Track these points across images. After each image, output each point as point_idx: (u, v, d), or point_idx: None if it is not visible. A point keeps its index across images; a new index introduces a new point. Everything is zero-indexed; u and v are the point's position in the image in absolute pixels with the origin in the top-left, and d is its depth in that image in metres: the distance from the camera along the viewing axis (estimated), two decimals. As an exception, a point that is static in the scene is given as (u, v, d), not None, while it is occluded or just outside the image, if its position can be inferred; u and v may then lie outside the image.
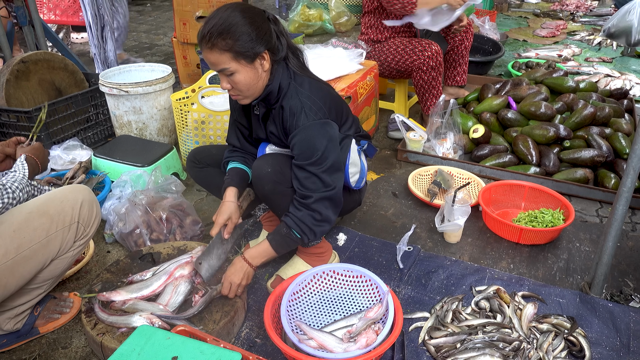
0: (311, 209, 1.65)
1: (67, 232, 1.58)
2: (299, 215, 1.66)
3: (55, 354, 1.70)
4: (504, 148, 2.85)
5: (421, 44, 2.96)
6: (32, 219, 1.51)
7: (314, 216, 1.66)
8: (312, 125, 1.62)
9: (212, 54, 1.55)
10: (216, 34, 1.52)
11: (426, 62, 2.94)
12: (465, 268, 2.05)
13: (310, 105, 1.64)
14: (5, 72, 2.69)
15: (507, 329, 1.71)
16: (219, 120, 2.54)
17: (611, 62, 4.58)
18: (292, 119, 1.64)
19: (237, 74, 1.58)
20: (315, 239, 1.73)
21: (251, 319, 1.81)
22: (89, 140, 2.98)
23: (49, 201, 1.57)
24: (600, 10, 6.48)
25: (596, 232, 2.29)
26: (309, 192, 1.64)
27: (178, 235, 2.16)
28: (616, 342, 1.71)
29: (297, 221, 1.66)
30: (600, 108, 2.85)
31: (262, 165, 1.72)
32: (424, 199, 2.46)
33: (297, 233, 1.68)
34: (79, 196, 1.63)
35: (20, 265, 1.48)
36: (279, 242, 1.71)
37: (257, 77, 1.62)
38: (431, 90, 3.06)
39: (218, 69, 1.58)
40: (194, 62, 3.83)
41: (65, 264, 1.64)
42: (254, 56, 1.58)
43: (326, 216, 1.68)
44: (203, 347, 1.30)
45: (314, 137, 1.61)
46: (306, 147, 1.62)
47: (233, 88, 1.63)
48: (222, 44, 1.53)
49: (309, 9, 5.49)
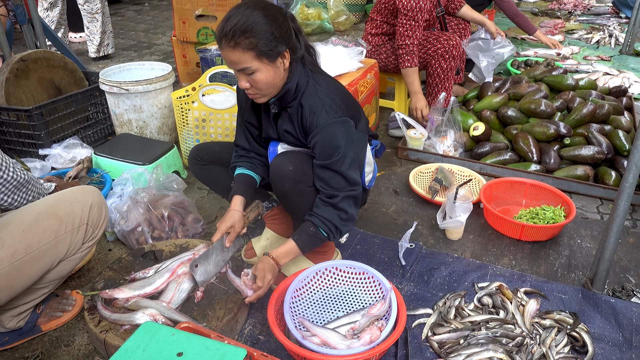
0: (338, 207, 1.66)
1: (76, 233, 1.57)
2: (325, 215, 1.66)
3: (58, 351, 1.69)
4: (504, 146, 2.86)
5: (444, 34, 3.04)
6: (42, 219, 1.50)
7: (340, 215, 1.67)
8: (332, 124, 1.61)
9: (234, 53, 1.52)
10: (239, 32, 1.48)
11: (450, 50, 2.99)
12: (467, 265, 2.05)
13: (330, 103, 1.63)
14: (5, 71, 2.68)
15: (510, 325, 1.71)
16: (220, 118, 2.54)
17: (609, 60, 4.59)
18: (313, 117, 1.63)
19: (258, 72, 1.55)
20: (340, 237, 1.75)
21: (254, 315, 1.81)
22: (89, 138, 2.97)
23: (59, 202, 1.56)
24: (598, 9, 6.50)
25: (597, 229, 2.30)
26: (335, 192, 1.65)
27: (180, 233, 2.16)
28: (619, 337, 1.71)
29: (325, 220, 1.66)
30: (600, 106, 2.85)
31: (282, 163, 1.69)
32: (426, 196, 2.46)
33: (324, 232, 1.68)
34: (89, 198, 1.62)
35: (29, 265, 1.47)
36: (306, 241, 1.71)
37: (277, 76, 1.60)
38: (445, 81, 3.10)
39: (239, 68, 1.55)
40: (193, 61, 3.83)
41: (73, 265, 1.63)
42: (277, 55, 1.56)
43: (351, 214, 1.69)
44: (208, 343, 1.30)
45: (335, 135, 1.61)
46: (328, 146, 1.61)
47: (252, 87, 1.60)
48: (246, 43, 1.49)
49: (307, 8, 5.49)
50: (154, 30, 5.93)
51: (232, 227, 1.77)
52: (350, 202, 1.68)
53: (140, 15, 6.68)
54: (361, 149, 1.78)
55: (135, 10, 6.97)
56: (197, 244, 1.98)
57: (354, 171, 1.66)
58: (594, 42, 5.13)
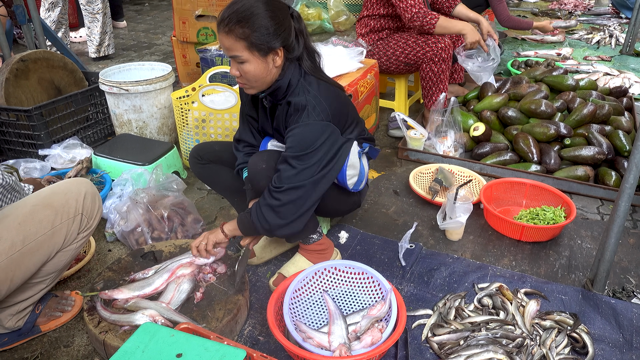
0: (272, 196, 1.62)
1: (71, 223, 1.60)
2: (260, 200, 1.66)
3: (57, 352, 1.69)
4: (505, 146, 2.85)
5: (433, 36, 2.99)
6: (37, 211, 1.52)
7: (271, 203, 1.62)
8: (311, 124, 1.61)
9: (227, 38, 1.55)
10: (235, 20, 1.52)
11: (438, 53, 2.95)
12: (467, 265, 2.05)
13: (314, 104, 1.62)
14: (5, 71, 2.68)
15: (510, 326, 1.71)
16: (220, 118, 2.53)
17: (610, 61, 4.59)
18: (295, 115, 1.63)
19: (247, 63, 1.58)
20: (270, 228, 1.65)
21: (254, 316, 1.81)
22: (88, 139, 2.97)
23: (53, 194, 1.59)
24: (598, 9, 6.50)
25: (597, 230, 2.30)
26: (281, 183, 1.61)
27: (179, 233, 2.15)
28: (619, 338, 1.71)
29: (256, 205, 1.66)
30: (600, 106, 2.85)
31: (257, 162, 1.73)
32: (426, 197, 2.46)
33: (252, 215, 1.67)
34: (82, 188, 1.65)
35: (27, 257, 1.49)
36: (242, 220, 1.73)
37: (266, 71, 1.61)
38: (438, 84, 3.06)
39: (230, 55, 1.59)
40: (193, 61, 3.83)
41: (69, 257, 1.65)
42: (268, 50, 1.57)
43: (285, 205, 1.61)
44: (207, 344, 1.29)
45: (310, 134, 1.60)
46: (299, 142, 1.60)
47: (241, 76, 1.63)
48: (239, 32, 1.53)
49: (307, 8, 5.49)
50: (154, 31, 5.93)
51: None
52: (291, 194, 1.60)
53: (140, 16, 6.68)
54: (342, 156, 1.72)
55: (135, 11, 6.97)
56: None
57: (312, 173, 1.62)
58: (595, 43, 5.13)
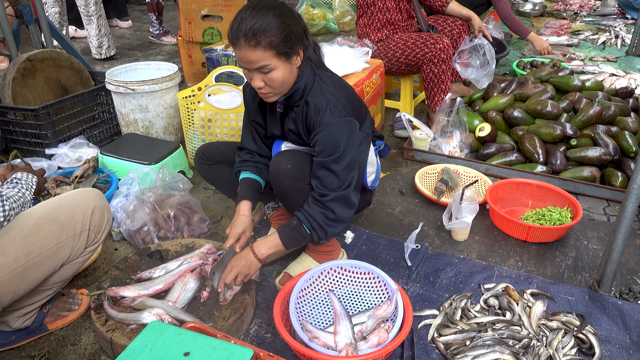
0: (326, 206, 1.64)
1: (77, 239, 1.56)
2: (311, 212, 1.65)
3: (65, 350, 1.70)
4: (510, 146, 2.85)
5: (432, 37, 2.97)
6: (43, 225, 1.48)
7: (326, 214, 1.65)
8: (336, 123, 1.61)
9: (254, 52, 1.51)
10: (260, 31, 1.49)
11: (438, 54, 2.94)
12: (473, 266, 2.04)
13: (335, 102, 1.63)
14: (12, 71, 2.69)
15: (517, 327, 1.71)
16: (226, 118, 2.54)
17: (616, 62, 4.57)
18: (317, 116, 1.63)
19: (275, 71, 1.55)
20: (326, 237, 1.71)
21: (260, 316, 1.81)
22: (95, 138, 2.98)
23: (60, 207, 1.54)
24: (604, 9, 6.47)
25: (604, 230, 2.29)
26: (327, 191, 1.63)
27: (186, 232, 2.16)
28: (626, 339, 1.70)
29: (309, 217, 1.65)
30: (607, 107, 2.84)
31: (281, 161, 1.70)
32: (431, 197, 2.46)
33: (307, 228, 1.66)
34: (90, 202, 1.61)
35: (30, 271, 1.46)
36: (288, 235, 1.70)
37: (291, 74, 1.61)
38: (440, 84, 3.05)
39: (257, 67, 1.54)
40: (199, 61, 3.84)
41: (76, 268, 1.64)
42: (292, 53, 1.57)
43: (340, 215, 1.66)
44: (215, 343, 1.30)
45: (337, 134, 1.60)
46: (329, 144, 1.60)
47: (266, 85, 1.60)
48: (266, 42, 1.50)
49: (312, 8, 5.49)
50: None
51: (242, 233, 1.77)
52: (341, 202, 1.65)
53: (145, 15, 6.69)
54: (364, 150, 1.77)
55: (140, 10, 6.99)
56: (203, 244, 1.98)
57: (348, 171, 1.64)
58: (600, 43, 5.11)
